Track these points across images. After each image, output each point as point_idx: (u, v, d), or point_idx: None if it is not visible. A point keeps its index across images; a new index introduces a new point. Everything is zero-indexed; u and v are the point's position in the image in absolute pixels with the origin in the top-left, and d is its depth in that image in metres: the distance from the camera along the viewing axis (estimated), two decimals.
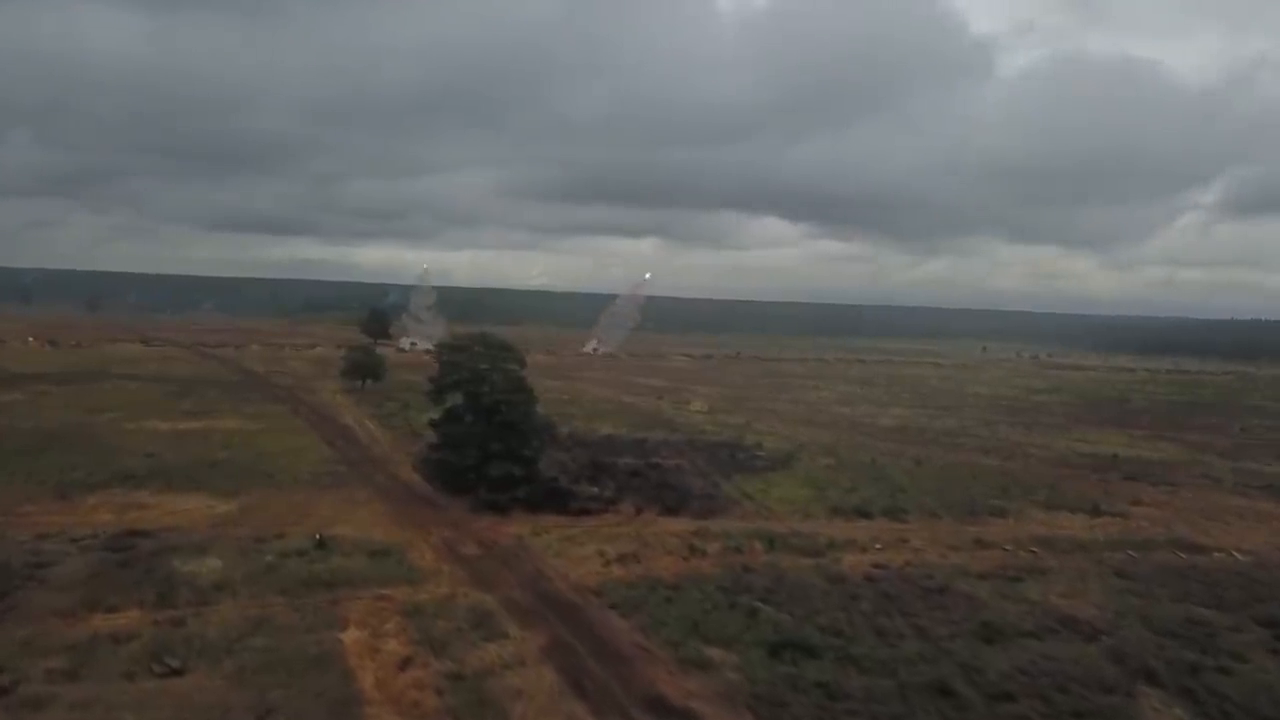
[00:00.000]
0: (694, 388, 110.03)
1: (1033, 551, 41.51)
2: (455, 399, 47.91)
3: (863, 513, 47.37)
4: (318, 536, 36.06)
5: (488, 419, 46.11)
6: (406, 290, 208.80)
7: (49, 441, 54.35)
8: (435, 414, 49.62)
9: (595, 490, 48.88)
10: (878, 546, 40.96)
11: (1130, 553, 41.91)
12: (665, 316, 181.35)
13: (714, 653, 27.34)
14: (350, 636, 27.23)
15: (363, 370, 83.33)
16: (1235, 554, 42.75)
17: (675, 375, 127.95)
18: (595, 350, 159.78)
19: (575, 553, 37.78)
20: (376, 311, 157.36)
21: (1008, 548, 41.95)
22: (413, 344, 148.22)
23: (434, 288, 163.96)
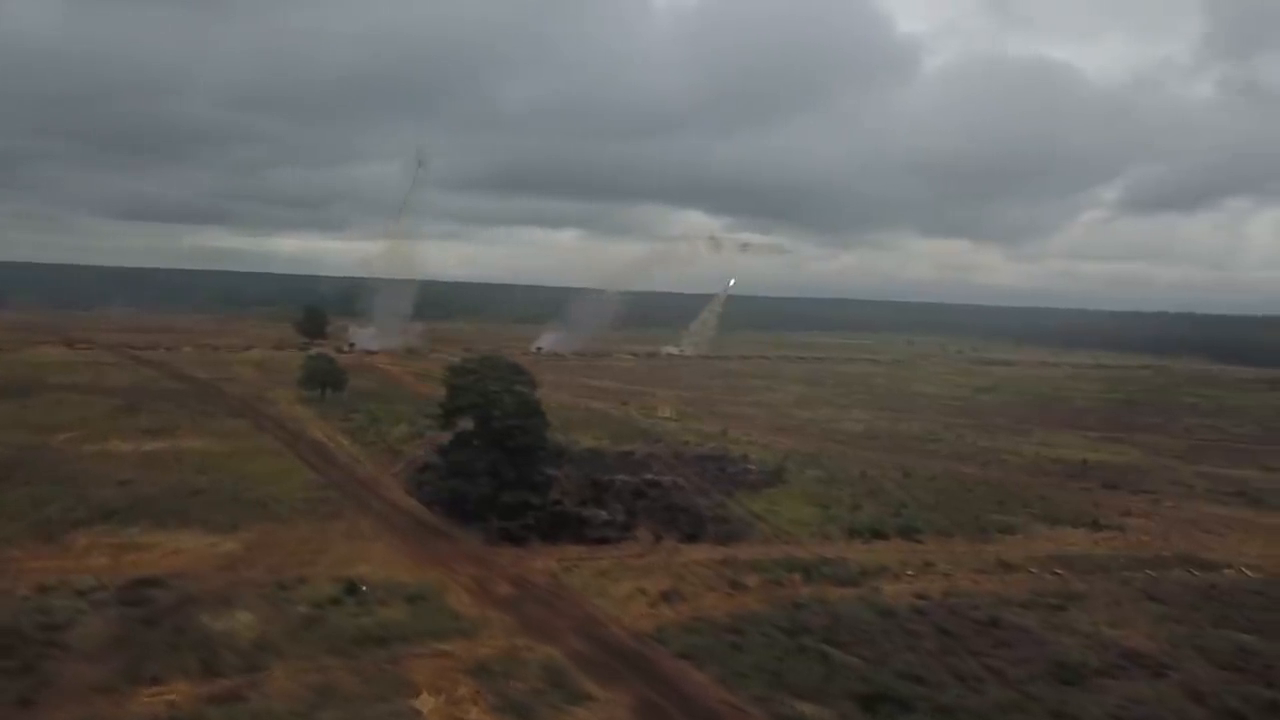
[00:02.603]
0: (652, 390, 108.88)
1: (1057, 573, 41.79)
2: (465, 424, 45.98)
3: (878, 533, 47.14)
4: (363, 588, 33.83)
5: (500, 444, 44.39)
6: (340, 282, 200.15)
7: (8, 470, 50.34)
8: (443, 437, 47.59)
9: (605, 515, 47.59)
10: (909, 573, 40.70)
11: (1149, 572, 42.54)
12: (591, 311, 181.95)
13: (806, 708, 26.51)
14: (427, 705, 25.56)
15: (323, 379, 79.93)
16: (1245, 570, 43.78)
17: (627, 377, 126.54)
18: (539, 350, 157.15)
19: (614, 591, 36.52)
20: (312, 310, 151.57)
21: (1033, 570, 42.17)
22: (351, 345, 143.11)
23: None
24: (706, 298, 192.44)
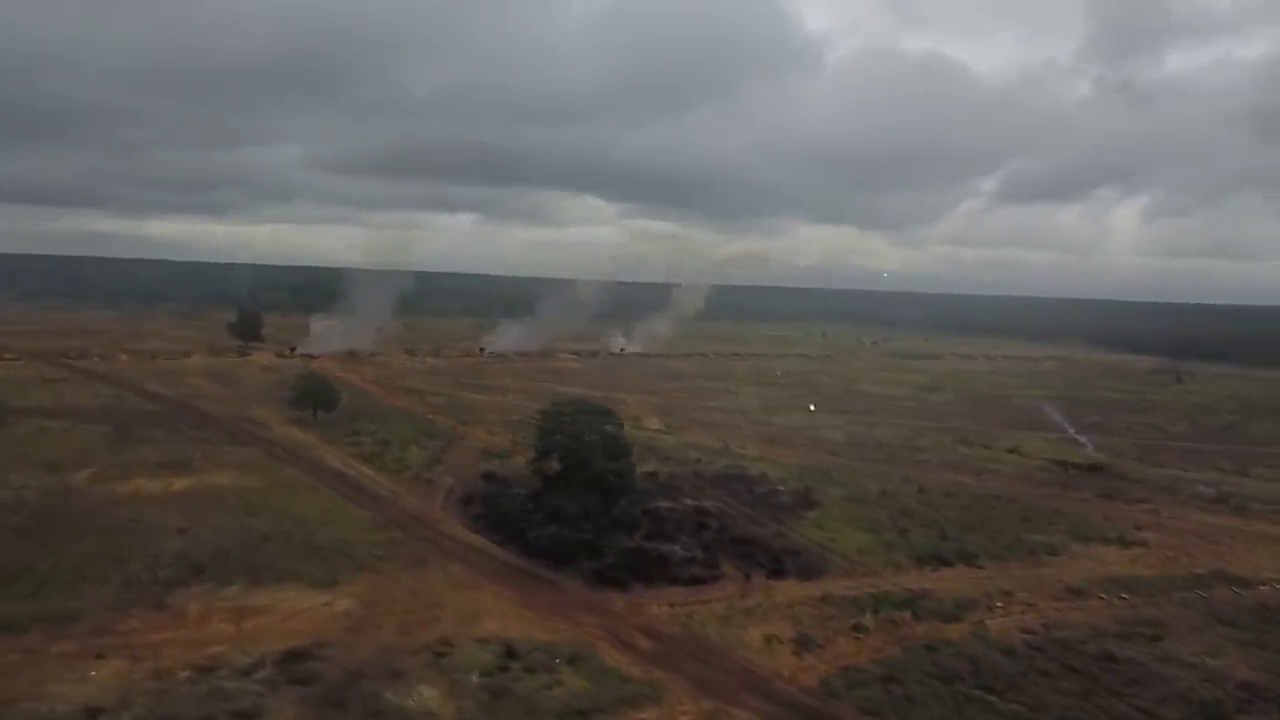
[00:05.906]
0: (618, 396, 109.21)
1: (1123, 598, 44.83)
2: (553, 466, 46.12)
3: (941, 559, 49.42)
4: (556, 660, 33.79)
5: (593, 487, 44.75)
6: (256, 271, 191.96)
7: (50, 519, 47.71)
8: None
9: (681, 550, 48.28)
10: (999, 605, 42.97)
11: (1200, 593, 46.02)
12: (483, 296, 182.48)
13: None
14: None
15: (315, 399, 77.75)
16: (1278, 587, 47.78)
17: (582, 380, 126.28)
18: (482, 351, 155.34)
19: (747, 639, 37.59)
20: (246, 311, 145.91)
21: (1102, 595, 45.07)
22: (293, 349, 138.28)
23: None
24: (631, 287, 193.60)
